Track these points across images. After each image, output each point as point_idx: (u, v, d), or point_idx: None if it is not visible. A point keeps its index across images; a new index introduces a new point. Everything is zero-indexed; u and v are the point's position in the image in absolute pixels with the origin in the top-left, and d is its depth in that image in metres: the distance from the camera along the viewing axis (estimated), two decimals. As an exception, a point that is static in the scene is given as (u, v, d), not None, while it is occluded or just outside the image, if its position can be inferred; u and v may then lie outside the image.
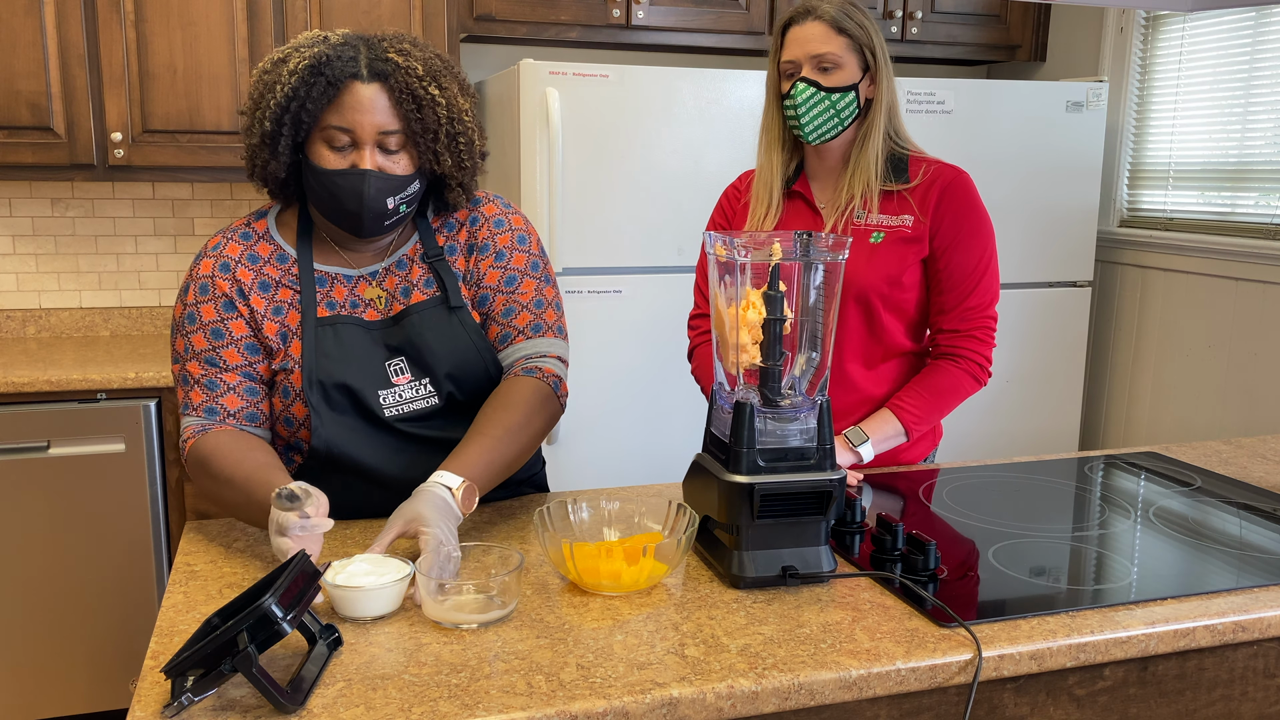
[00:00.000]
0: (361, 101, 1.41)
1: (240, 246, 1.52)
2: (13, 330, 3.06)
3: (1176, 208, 3.11)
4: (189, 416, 1.48)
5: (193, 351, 1.48)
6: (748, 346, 1.32)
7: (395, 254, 1.57)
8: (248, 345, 1.49)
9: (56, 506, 2.53)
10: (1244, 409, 2.89)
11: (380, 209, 1.45)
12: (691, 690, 1.06)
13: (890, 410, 1.77)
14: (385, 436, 1.52)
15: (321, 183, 1.45)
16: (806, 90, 1.73)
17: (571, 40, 3.09)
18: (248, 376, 1.49)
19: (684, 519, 1.35)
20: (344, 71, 1.41)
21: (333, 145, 1.44)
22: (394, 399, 1.51)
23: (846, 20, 1.73)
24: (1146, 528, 1.54)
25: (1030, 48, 3.48)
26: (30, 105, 2.65)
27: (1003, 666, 1.16)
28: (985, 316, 1.80)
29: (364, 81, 1.42)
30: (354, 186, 1.43)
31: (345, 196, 1.44)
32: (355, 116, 1.41)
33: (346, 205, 1.45)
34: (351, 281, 1.54)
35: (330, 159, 1.44)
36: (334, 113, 1.42)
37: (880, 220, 1.79)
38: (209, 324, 1.48)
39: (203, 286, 1.50)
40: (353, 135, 1.43)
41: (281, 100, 1.41)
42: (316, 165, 1.44)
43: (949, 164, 1.82)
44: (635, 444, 2.86)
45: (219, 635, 0.99)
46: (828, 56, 1.72)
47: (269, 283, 1.51)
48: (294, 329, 1.50)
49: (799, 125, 1.76)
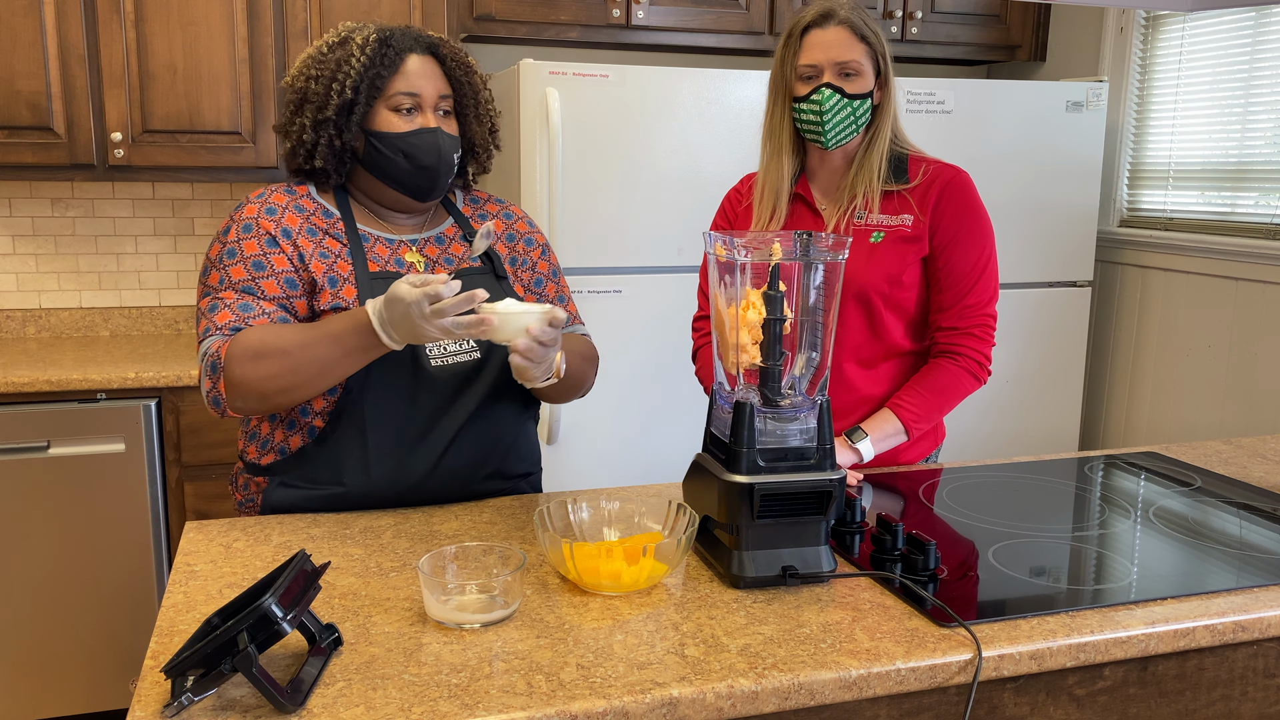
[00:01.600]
0: (423, 70, 1.57)
1: (287, 197, 1.59)
2: (13, 330, 3.06)
3: (1176, 208, 3.11)
4: (211, 336, 1.48)
5: (229, 282, 1.51)
6: (748, 346, 1.32)
7: (432, 229, 1.67)
8: (287, 279, 1.53)
9: (56, 506, 2.53)
10: (1244, 409, 2.89)
11: (451, 163, 1.59)
12: (691, 690, 1.06)
13: (890, 409, 1.77)
14: (419, 392, 1.55)
15: (394, 146, 1.55)
16: (833, 97, 1.72)
17: (571, 40, 3.09)
18: (283, 307, 1.52)
19: (684, 519, 1.35)
20: (405, 45, 1.56)
21: (399, 110, 1.55)
22: (439, 349, 1.57)
23: (865, 27, 1.74)
24: (1146, 528, 1.54)
25: (1030, 48, 3.48)
26: (30, 105, 2.66)
27: (1003, 666, 1.16)
28: (984, 315, 1.80)
29: (420, 54, 1.57)
30: (430, 143, 1.56)
31: (422, 153, 1.55)
32: (420, 82, 1.56)
33: (423, 160, 1.55)
34: (393, 245, 1.62)
35: (399, 124, 1.55)
36: (400, 80, 1.55)
37: (880, 220, 1.79)
38: (250, 257, 1.52)
39: (246, 226, 1.54)
40: (418, 99, 1.56)
41: (359, 69, 1.53)
42: (386, 132, 1.55)
43: (948, 164, 1.82)
44: (635, 444, 2.86)
45: (219, 635, 0.99)
46: (851, 64, 1.72)
47: (316, 230, 1.57)
48: (344, 275, 1.54)
49: (821, 131, 1.75)
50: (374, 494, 1.56)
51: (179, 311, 3.19)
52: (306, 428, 1.56)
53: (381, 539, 1.46)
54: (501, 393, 1.61)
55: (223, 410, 1.48)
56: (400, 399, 1.54)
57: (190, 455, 2.63)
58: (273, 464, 1.58)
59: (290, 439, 1.57)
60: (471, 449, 1.60)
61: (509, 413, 1.64)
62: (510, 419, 1.65)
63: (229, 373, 1.43)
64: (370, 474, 1.54)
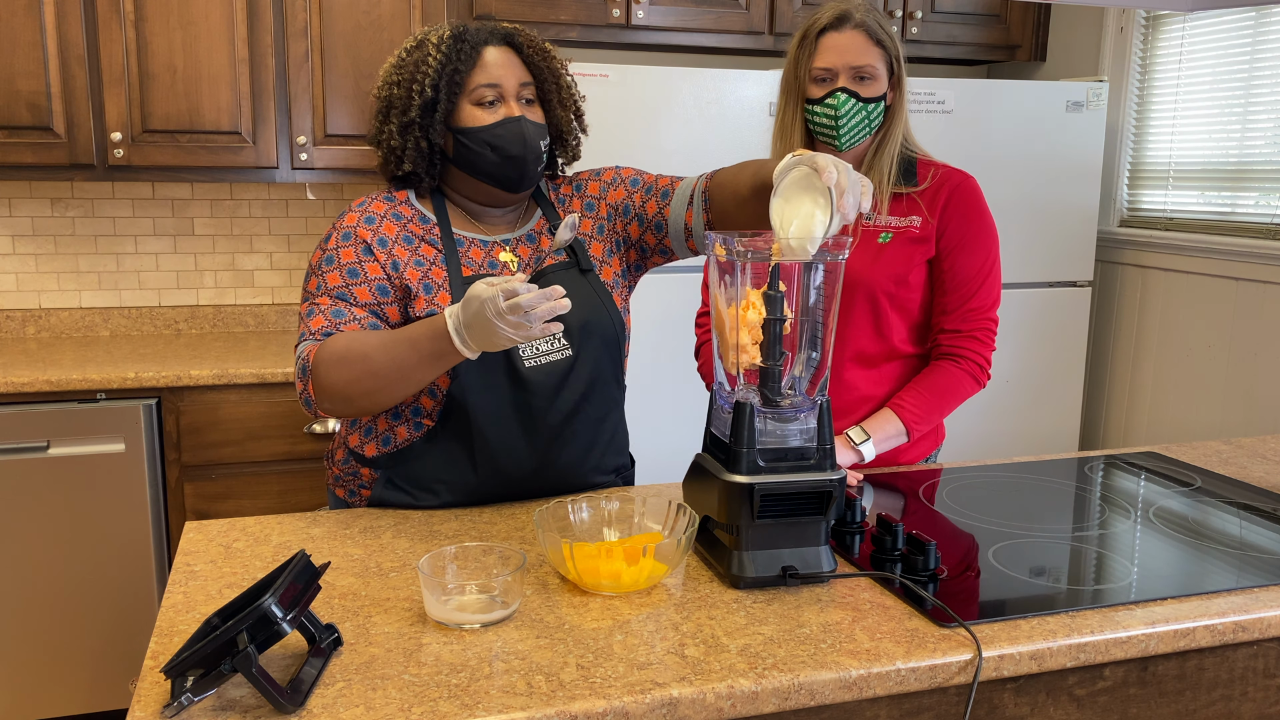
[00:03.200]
0: (501, 60, 1.57)
1: (385, 205, 1.61)
2: (13, 330, 3.06)
3: (1176, 208, 3.11)
4: (305, 340, 1.51)
5: (325, 288, 1.54)
6: (748, 347, 1.32)
7: (524, 226, 1.67)
8: (379, 286, 1.54)
9: (56, 506, 2.53)
10: (1244, 409, 2.89)
11: (539, 152, 1.58)
12: (691, 690, 1.06)
13: (891, 410, 1.78)
14: (520, 394, 1.56)
15: (480, 140, 1.55)
16: (849, 101, 1.73)
17: (572, 40, 3.09)
18: (374, 314, 1.53)
19: (684, 519, 1.35)
20: (480, 38, 1.57)
21: (481, 103, 1.56)
22: (532, 351, 1.57)
23: (880, 31, 1.74)
24: (1146, 528, 1.54)
25: (1030, 48, 3.48)
26: (30, 105, 2.65)
27: (1003, 666, 1.16)
28: (987, 319, 1.81)
29: (497, 45, 1.58)
30: (515, 132, 1.56)
31: (509, 143, 1.55)
32: (499, 72, 1.56)
33: (511, 150, 1.55)
34: (487, 246, 1.62)
35: (483, 117, 1.56)
36: (480, 72, 1.56)
37: (889, 221, 1.80)
38: (346, 264, 1.54)
39: (345, 234, 1.56)
40: (499, 90, 1.56)
41: (436, 66, 1.54)
42: (471, 127, 1.55)
43: (956, 168, 1.83)
44: (635, 444, 2.86)
45: (219, 635, 0.99)
46: (866, 68, 1.73)
47: (412, 237, 1.59)
48: (439, 282, 1.55)
49: (835, 133, 1.75)
50: (479, 495, 1.59)
51: (179, 312, 3.19)
52: (413, 422, 1.58)
53: (381, 539, 1.46)
54: (596, 387, 1.62)
55: (314, 411, 1.51)
56: (501, 402, 1.55)
57: (190, 455, 2.63)
58: (377, 456, 1.61)
59: (396, 429, 1.59)
60: (573, 447, 1.61)
61: (605, 406, 1.65)
62: (606, 412, 1.66)
63: (317, 376, 1.46)
64: (477, 474, 1.57)
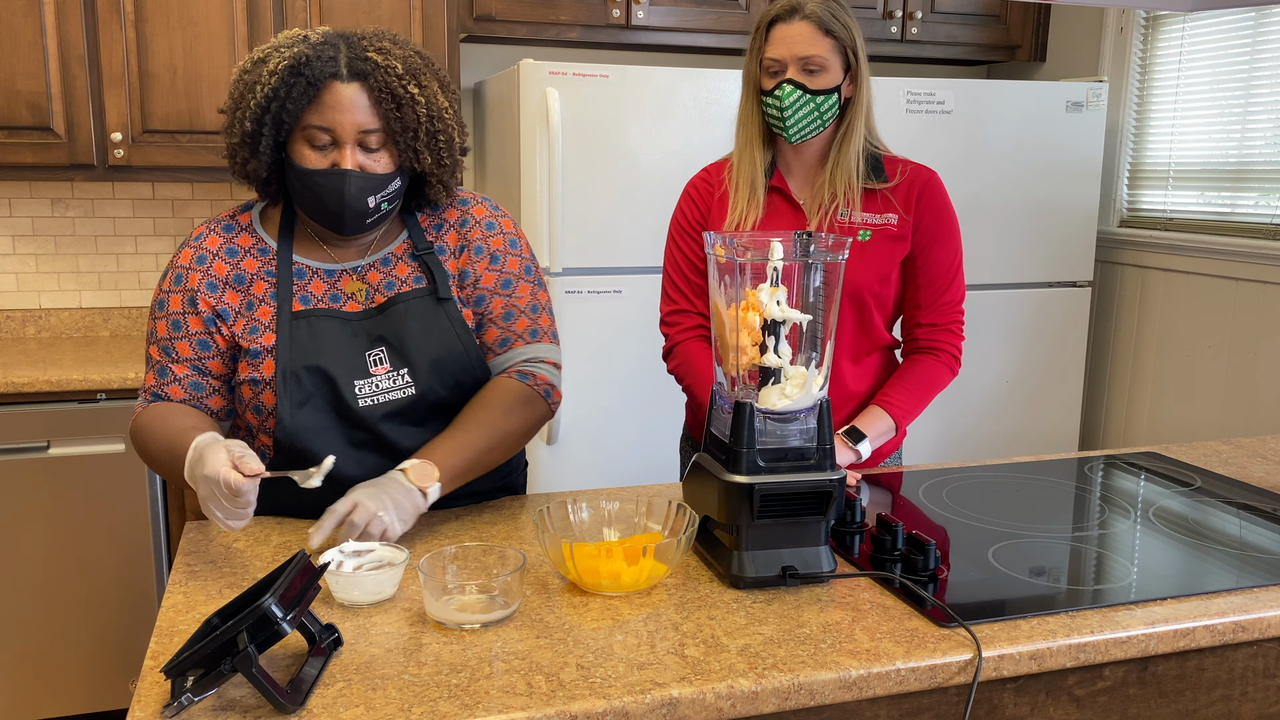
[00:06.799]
0: (342, 101, 1.42)
1: (220, 239, 1.54)
2: (13, 330, 3.06)
3: (1176, 208, 3.11)
4: (141, 398, 1.53)
5: (155, 337, 1.53)
6: (747, 348, 1.32)
7: (381, 250, 1.57)
8: (199, 341, 1.51)
9: (56, 506, 2.53)
10: (1244, 409, 2.89)
11: (361, 208, 1.47)
12: (691, 690, 1.06)
13: (879, 406, 1.79)
14: (353, 432, 1.51)
15: (304, 182, 1.46)
16: (794, 93, 1.72)
17: (571, 40, 3.09)
18: (196, 370, 1.51)
19: (684, 519, 1.35)
20: (324, 71, 1.41)
21: (314, 144, 1.44)
22: (370, 389, 1.50)
23: (833, 21, 1.72)
24: (1146, 528, 1.54)
25: (1030, 48, 3.48)
26: (30, 105, 2.65)
27: (1002, 666, 1.16)
28: (958, 311, 1.86)
29: (344, 81, 1.42)
30: (335, 186, 1.44)
31: (327, 196, 1.45)
32: (336, 116, 1.42)
33: (328, 204, 1.46)
34: (333, 276, 1.55)
35: (312, 158, 1.45)
36: (314, 112, 1.43)
37: (865, 219, 1.80)
38: (172, 314, 1.52)
39: (177, 277, 1.53)
40: (333, 134, 1.43)
41: (262, 101, 1.42)
42: (298, 165, 1.45)
43: (920, 164, 1.85)
44: (635, 444, 2.86)
45: (219, 635, 0.99)
46: (814, 59, 1.71)
47: (244, 276, 1.53)
48: (266, 323, 1.50)
49: (782, 125, 1.75)
50: None
51: (179, 311, 3.19)
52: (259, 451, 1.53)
53: (381, 539, 1.46)
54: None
55: None
56: (334, 440, 1.49)
57: (190, 455, 2.63)
58: None
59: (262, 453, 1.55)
60: None
61: None
62: None
63: (134, 444, 1.51)
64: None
